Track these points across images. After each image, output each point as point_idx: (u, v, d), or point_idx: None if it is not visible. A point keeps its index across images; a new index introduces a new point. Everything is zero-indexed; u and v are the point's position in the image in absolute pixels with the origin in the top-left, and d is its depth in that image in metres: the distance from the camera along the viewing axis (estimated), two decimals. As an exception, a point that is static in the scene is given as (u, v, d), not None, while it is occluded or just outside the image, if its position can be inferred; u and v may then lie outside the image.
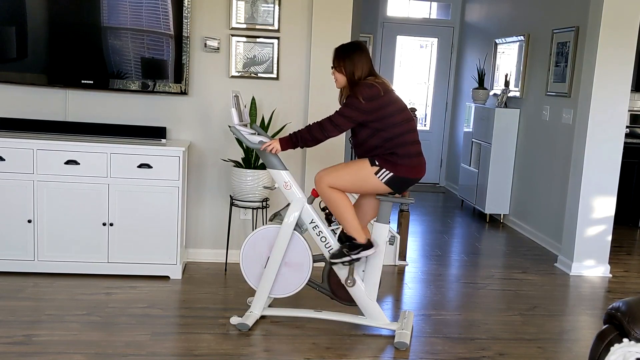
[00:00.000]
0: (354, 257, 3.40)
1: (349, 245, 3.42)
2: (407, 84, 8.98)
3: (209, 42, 4.45)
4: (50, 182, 4.07)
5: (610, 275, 4.99)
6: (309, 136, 3.36)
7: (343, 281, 3.51)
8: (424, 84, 9.01)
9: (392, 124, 3.32)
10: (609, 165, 4.89)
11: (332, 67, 3.48)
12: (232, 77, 4.52)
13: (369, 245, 3.42)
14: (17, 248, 4.12)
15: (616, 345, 2.20)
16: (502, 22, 7.23)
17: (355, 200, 3.77)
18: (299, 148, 3.48)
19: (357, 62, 3.39)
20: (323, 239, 3.51)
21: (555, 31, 5.80)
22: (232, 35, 4.47)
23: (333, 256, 3.44)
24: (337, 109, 3.38)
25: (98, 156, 4.07)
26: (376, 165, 3.35)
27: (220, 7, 4.45)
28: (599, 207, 4.93)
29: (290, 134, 3.43)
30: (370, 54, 8.88)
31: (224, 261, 4.59)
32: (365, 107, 3.28)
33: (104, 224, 4.14)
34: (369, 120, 3.31)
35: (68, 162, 4.06)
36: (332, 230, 3.60)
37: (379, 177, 3.34)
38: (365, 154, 3.43)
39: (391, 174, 3.33)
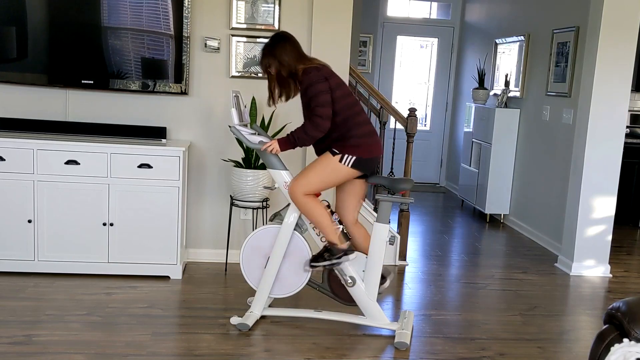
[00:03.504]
0: (334, 261, 3.42)
1: (330, 250, 3.44)
2: (407, 84, 8.98)
3: (209, 42, 4.45)
4: (50, 182, 4.07)
5: (611, 275, 4.99)
6: (305, 135, 3.35)
7: (343, 281, 3.51)
8: (424, 84, 9.01)
9: (343, 107, 3.35)
10: (609, 165, 4.89)
11: (266, 76, 3.50)
12: (232, 77, 4.52)
13: (350, 251, 3.45)
14: (17, 248, 4.12)
15: (616, 345, 2.20)
16: (502, 22, 7.23)
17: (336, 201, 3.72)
18: (298, 148, 3.48)
19: (281, 51, 3.41)
20: (323, 239, 3.51)
21: (555, 31, 5.80)
22: (232, 35, 4.47)
23: (313, 259, 3.47)
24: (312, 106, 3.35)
25: (98, 156, 4.08)
26: (337, 154, 3.37)
27: (221, 7, 4.45)
28: (599, 207, 4.93)
29: (288, 134, 3.43)
30: (370, 54, 8.83)
31: (224, 261, 4.59)
32: (325, 86, 3.31)
33: (104, 224, 4.14)
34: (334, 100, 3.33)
35: (68, 162, 4.07)
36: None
37: (344, 164, 3.36)
38: (324, 146, 3.45)
39: (354, 157, 3.35)
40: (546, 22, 6.03)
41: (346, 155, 3.36)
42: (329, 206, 3.71)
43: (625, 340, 2.22)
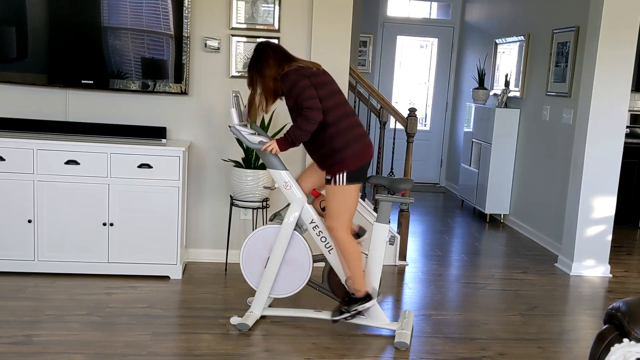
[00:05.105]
0: (353, 312, 3.43)
1: (347, 301, 3.45)
2: (407, 84, 8.98)
3: (209, 42, 4.45)
4: (50, 182, 4.07)
5: (611, 275, 4.99)
6: (299, 131, 3.32)
7: (343, 281, 3.51)
8: (424, 84, 9.01)
9: (326, 110, 3.31)
10: (609, 165, 4.89)
11: (253, 88, 3.48)
12: (232, 77, 4.52)
13: (367, 298, 3.44)
14: (17, 248, 4.12)
15: (616, 345, 2.20)
16: (502, 22, 7.23)
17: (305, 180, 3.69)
18: (298, 148, 3.47)
19: (262, 64, 3.39)
20: (323, 239, 3.51)
21: (555, 31, 5.80)
22: (232, 35, 4.47)
23: (334, 314, 3.48)
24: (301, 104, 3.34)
25: (98, 156, 4.08)
26: (330, 179, 3.37)
27: (221, 7, 4.45)
28: (599, 207, 4.93)
29: (284, 134, 3.43)
30: (370, 54, 8.83)
31: (224, 261, 4.59)
32: (307, 82, 3.30)
33: (104, 224, 4.14)
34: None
35: (68, 162, 4.07)
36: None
37: (340, 184, 3.34)
38: (313, 150, 3.45)
39: (344, 172, 3.34)
40: (546, 22, 6.03)
41: (336, 175, 3.34)
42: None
43: (625, 340, 2.23)
